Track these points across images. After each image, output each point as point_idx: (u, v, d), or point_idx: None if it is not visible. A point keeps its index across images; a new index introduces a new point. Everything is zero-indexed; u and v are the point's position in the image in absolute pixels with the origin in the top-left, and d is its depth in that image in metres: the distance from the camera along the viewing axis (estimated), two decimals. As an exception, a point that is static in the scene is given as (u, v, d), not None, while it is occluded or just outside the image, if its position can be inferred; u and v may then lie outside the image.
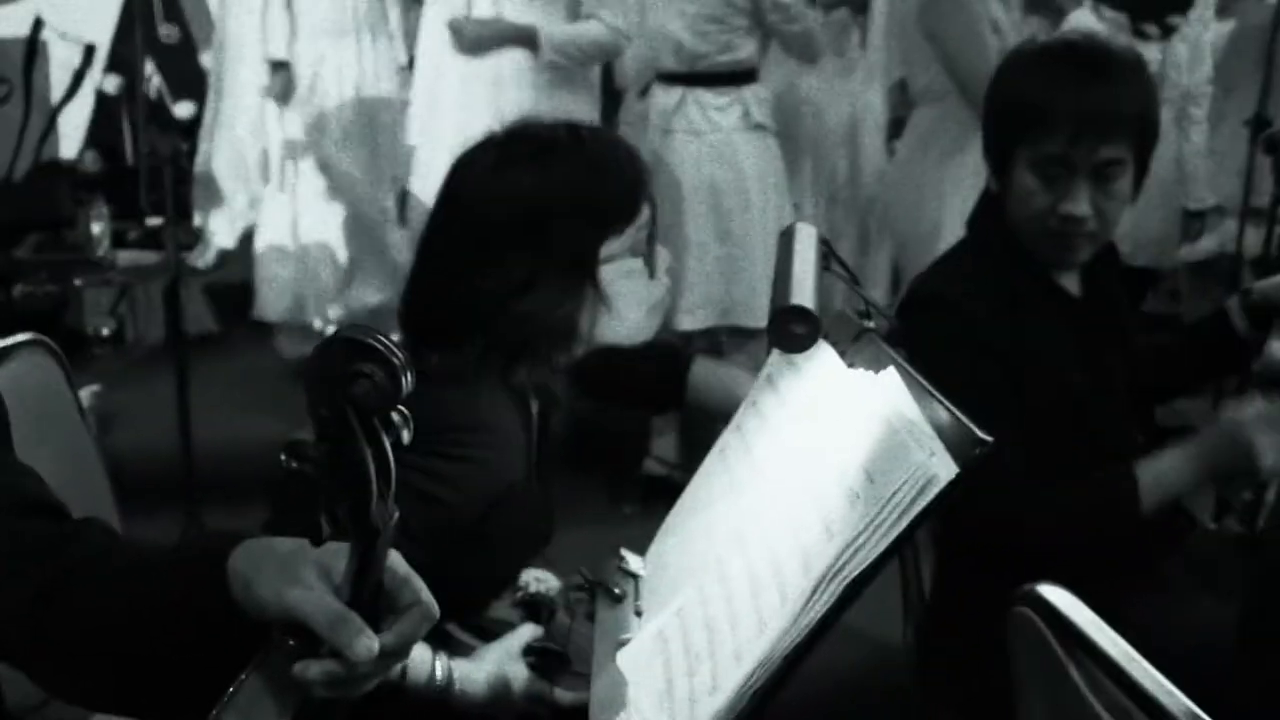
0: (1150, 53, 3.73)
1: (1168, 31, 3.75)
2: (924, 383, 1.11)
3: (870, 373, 1.18)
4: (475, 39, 3.15)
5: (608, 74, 3.92)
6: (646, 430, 3.68)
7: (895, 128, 4.15)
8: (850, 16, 4.30)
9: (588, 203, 1.47)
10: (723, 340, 3.81)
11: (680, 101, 3.43)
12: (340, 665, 0.82)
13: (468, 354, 1.46)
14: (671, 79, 3.45)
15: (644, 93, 3.66)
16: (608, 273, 1.48)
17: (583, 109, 3.32)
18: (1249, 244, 3.77)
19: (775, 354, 1.43)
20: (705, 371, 1.76)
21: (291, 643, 0.83)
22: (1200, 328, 2.14)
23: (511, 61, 3.18)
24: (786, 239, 1.24)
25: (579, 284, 1.47)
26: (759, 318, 1.38)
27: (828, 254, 1.25)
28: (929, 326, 1.74)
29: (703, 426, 3.71)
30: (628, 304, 1.51)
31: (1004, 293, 1.79)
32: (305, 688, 0.83)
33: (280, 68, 4.15)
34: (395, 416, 0.80)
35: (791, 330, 1.12)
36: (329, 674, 0.82)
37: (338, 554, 0.84)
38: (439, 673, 1.39)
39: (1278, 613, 1.24)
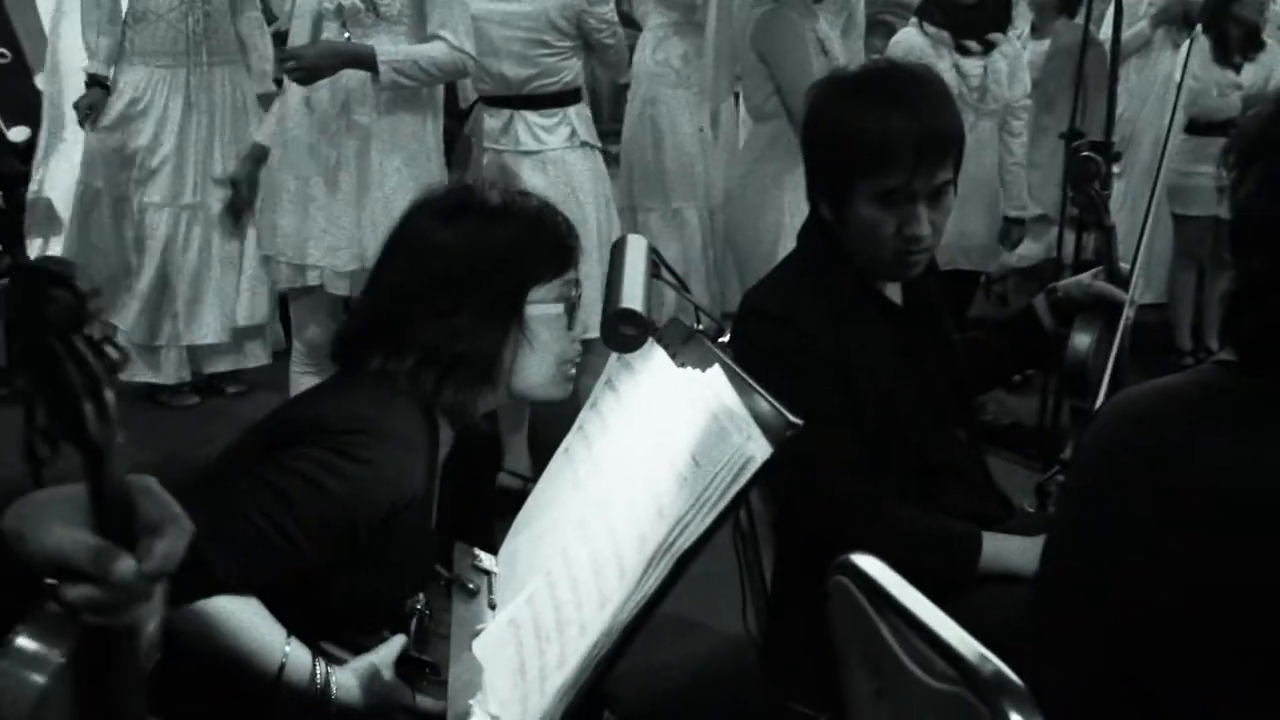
0: (972, 67, 3.95)
1: (989, 48, 3.97)
2: (744, 375, 1.22)
3: (697, 370, 1.29)
4: (313, 65, 3.15)
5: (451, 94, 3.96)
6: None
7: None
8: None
9: (524, 253, 1.59)
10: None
11: (508, 122, 3.52)
12: (103, 590, 0.84)
13: (400, 368, 1.55)
14: (498, 101, 3.53)
15: (466, 115, 3.70)
16: (533, 316, 1.58)
17: (424, 128, 3.32)
18: (1069, 249, 4.02)
19: (614, 359, 1.52)
20: None
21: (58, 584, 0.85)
22: (1010, 323, 2.29)
23: (356, 80, 3.17)
24: (618, 249, 1.33)
25: (505, 321, 1.57)
26: (596, 330, 1.48)
27: (656, 262, 1.34)
28: (761, 339, 1.82)
29: (554, 441, 3.78)
30: (544, 351, 1.60)
31: (833, 306, 1.87)
32: (77, 620, 0.85)
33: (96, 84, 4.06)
34: (93, 335, 0.82)
35: (622, 332, 1.22)
36: (89, 598, 0.84)
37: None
38: (318, 676, 1.44)
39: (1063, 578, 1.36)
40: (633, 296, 1.22)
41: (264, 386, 4.27)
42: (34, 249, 4.66)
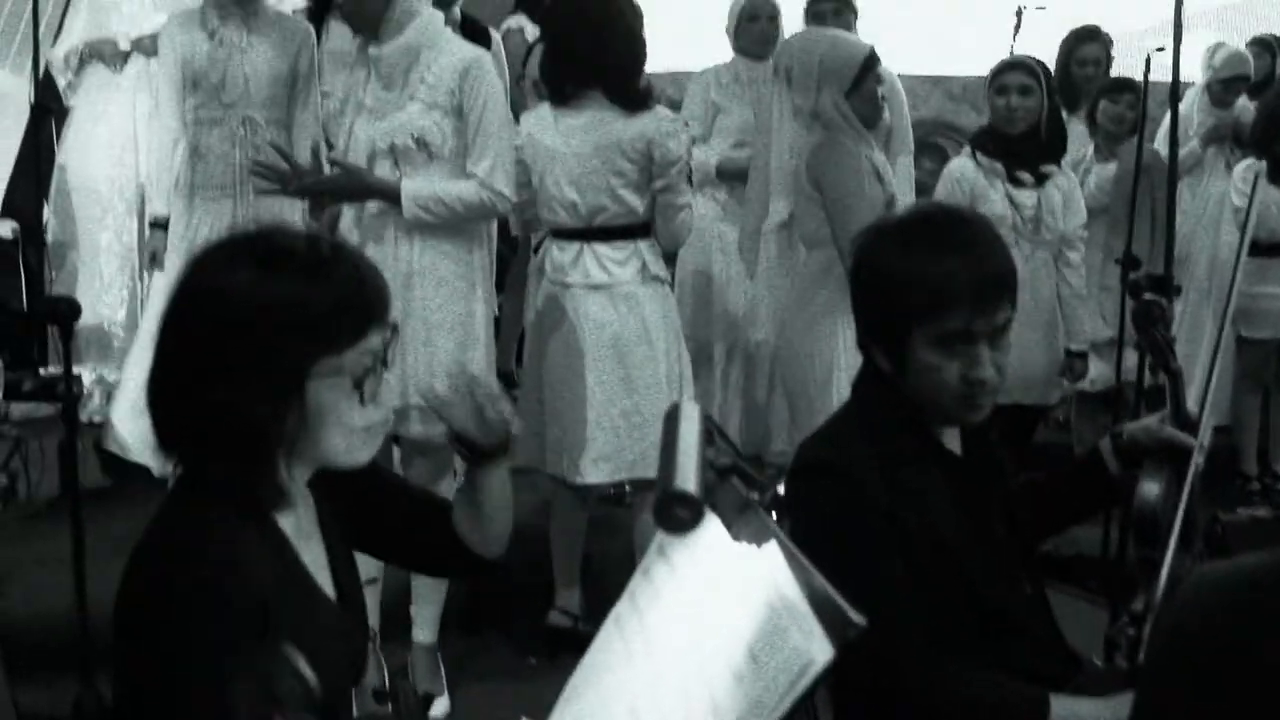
0: (1026, 198, 3.93)
1: (1042, 179, 3.95)
2: (803, 559, 1.16)
3: (754, 546, 1.23)
4: (336, 192, 3.19)
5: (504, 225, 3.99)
6: (550, 583, 3.69)
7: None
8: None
9: (304, 315, 1.48)
10: (625, 490, 3.84)
11: (578, 255, 3.47)
12: None
13: (201, 466, 1.50)
14: (567, 234, 3.50)
15: (537, 248, 3.69)
16: (318, 388, 1.50)
17: (470, 259, 3.30)
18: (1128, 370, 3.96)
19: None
20: None
21: None
22: (1075, 468, 2.24)
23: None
24: (671, 420, 1.29)
25: (284, 392, 1.48)
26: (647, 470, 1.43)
27: (711, 430, 1.31)
28: (819, 494, 1.79)
29: (607, 579, 3.74)
30: (338, 424, 1.53)
31: (890, 456, 1.84)
32: None
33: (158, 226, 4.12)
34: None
35: (676, 515, 1.17)
36: None
37: None
38: None
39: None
40: (686, 477, 1.17)
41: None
42: (87, 375, 4.72)
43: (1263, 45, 5.88)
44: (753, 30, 4.58)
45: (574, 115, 3.44)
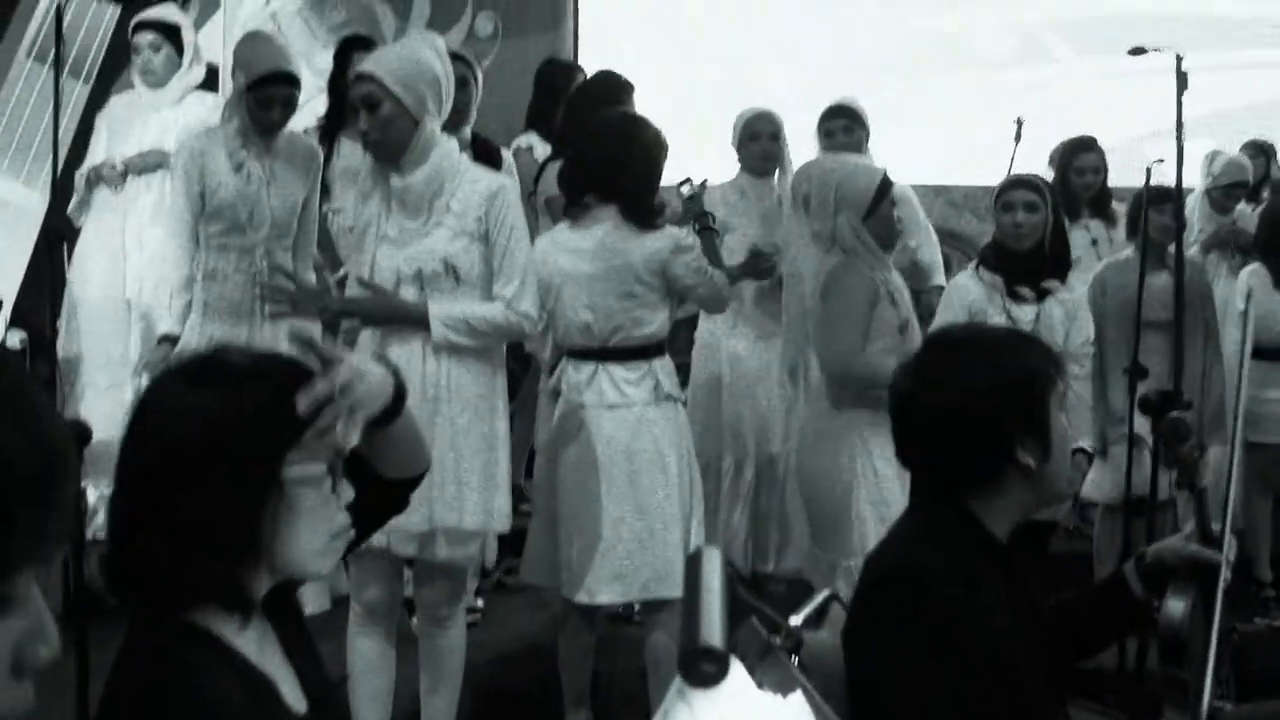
0: (1024, 314, 3.94)
1: (1043, 295, 3.96)
2: (827, 710, 1.16)
3: (778, 695, 1.22)
4: (366, 315, 3.21)
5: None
6: (559, 700, 3.65)
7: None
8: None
9: (277, 414, 1.52)
10: (635, 608, 3.81)
11: (593, 375, 3.48)
12: None
13: (166, 598, 1.49)
14: (582, 354, 3.51)
15: (553, 369, 3.71)
16: (293, 480, 1.52)
17: (493, 382, 3.31)
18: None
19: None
20: None
21: None
22: (1099, 591, 2.23)
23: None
24: (693, 567, 1.29)
25: (261, 489, 1.50)
26: (677, 587, 1.41)
27: (733, 578, 1.31)
28: (900, 600, 1.81)
29: (616, 698, 3.71)
30: (311, 519, 1.54)
31: (965, 573, 1.87)
32: None
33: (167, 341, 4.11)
34: None
35: (703, 669, 1.16)
36: None
37: None
38: None
39: None
40: (711, 631, 1.16)
41: (320, 634, 4.21)
42: (92, 491, 4.71)
43: (1257, 148, 5.97)
44: (754, 149, 4.66)
45: (588, 235, 3.48)
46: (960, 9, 6.91)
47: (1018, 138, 5.48)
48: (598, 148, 3.51)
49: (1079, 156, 5.35)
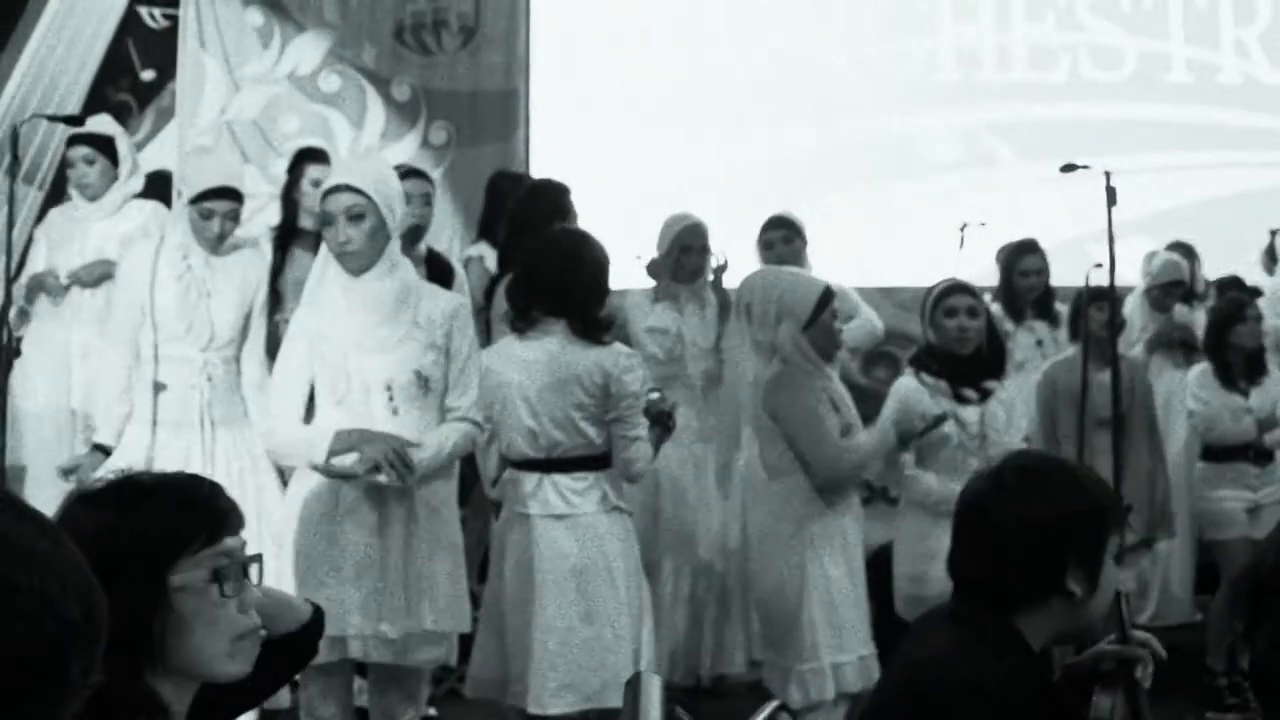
0: (971, 415, 4.02)
1: (985, 395, 4.04)
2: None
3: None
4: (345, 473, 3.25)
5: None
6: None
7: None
8: None
9: (159, 530, 1.58)
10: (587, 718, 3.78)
11: (538, 485, 3.49)
12: None
13: None
14: (528, 465, 3.53)
15: (495, 482, 3.72)
16: (179, 589, 1.57)
17: (450, 490, 3.42)
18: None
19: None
20: None
21: None
22: None
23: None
24: (632, 691, 1.31)
25: (149, 601, 1.54)
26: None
27: (673, 702, 1.32)
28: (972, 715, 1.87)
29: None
30: (204, 626, 1.58)
31: (1024, 683, 1.94)
32: None
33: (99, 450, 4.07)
34: None
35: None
36: None
37: None
38: None
39: None
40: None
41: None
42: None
43: (1183, 250, 6.08)
44: (685, 262, 4.76)
45: (537, 347, 3.52)
46: (905, 115, 7.08)
47: (961, 244, 5.59)
48: (544, 266, 3.56)
49: (1022, 259, 5.47)
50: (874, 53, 7.14)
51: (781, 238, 4.77)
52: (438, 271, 4.05)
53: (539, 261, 3.60)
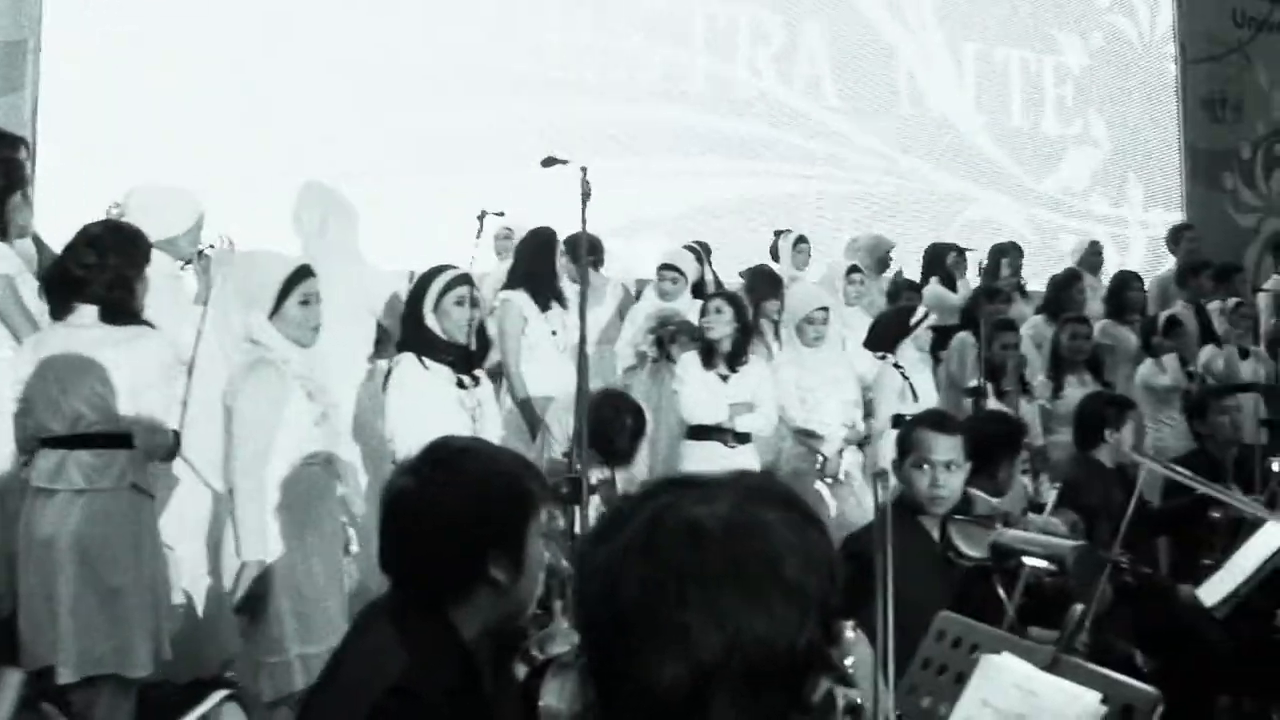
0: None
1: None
2: None
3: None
4: None
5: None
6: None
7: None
8: None
9: None
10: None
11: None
12: None
13: None
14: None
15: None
16: None
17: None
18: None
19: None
20: None
21: None
22: None
23: None
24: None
25: None
26: None
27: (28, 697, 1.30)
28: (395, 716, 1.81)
29: None
30: None
31: (458, 682, 1.91)
32: None
33: None
34: None
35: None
36: None
37: None
38: None
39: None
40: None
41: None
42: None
43: (694, 253, 6.30)
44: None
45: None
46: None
47: (479, 233, 5.67)
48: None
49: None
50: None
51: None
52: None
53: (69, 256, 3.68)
